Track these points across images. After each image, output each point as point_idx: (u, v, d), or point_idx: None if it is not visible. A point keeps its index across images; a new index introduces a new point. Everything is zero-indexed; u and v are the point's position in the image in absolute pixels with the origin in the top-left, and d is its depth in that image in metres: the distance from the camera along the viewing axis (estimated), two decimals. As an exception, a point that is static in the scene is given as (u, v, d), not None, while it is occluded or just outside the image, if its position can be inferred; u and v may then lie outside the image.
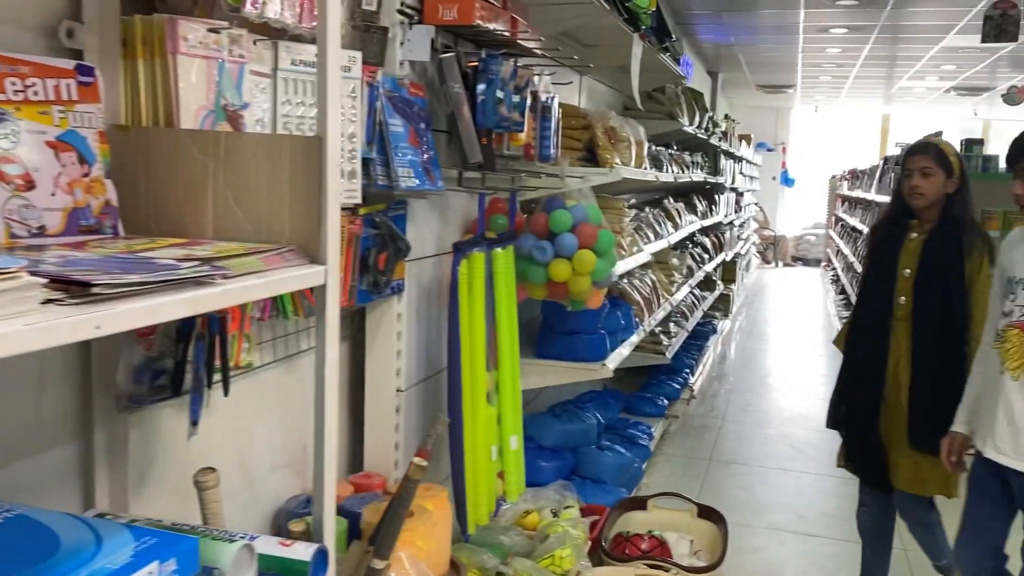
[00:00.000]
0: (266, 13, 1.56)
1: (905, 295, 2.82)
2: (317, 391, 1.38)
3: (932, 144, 2.88)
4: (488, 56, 2.24)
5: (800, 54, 9.79)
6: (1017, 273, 2.38)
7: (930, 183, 2.78)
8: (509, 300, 2.47)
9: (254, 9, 1.53)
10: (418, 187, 2.11)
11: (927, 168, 2.78)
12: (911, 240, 2.85)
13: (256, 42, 1.62)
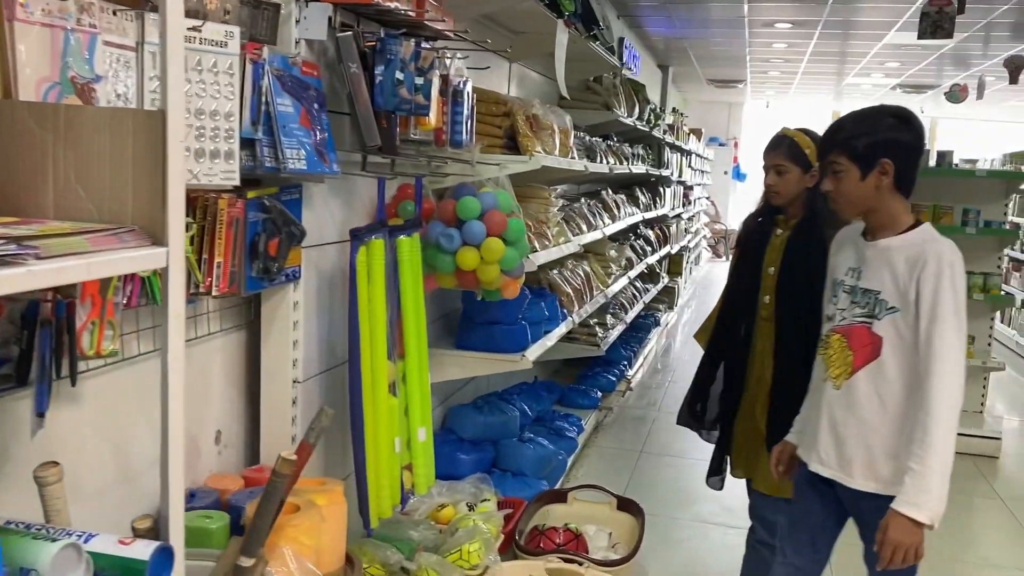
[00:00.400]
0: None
1: (769, 294, 2.70)
2: (162, 384, 1.30)
3: (786, 138, 2.73)
4: (387, 36, 2.16)
5: (747, 48, 9.83)
6: (839, 275, 2.24)
7: (785, 181, 2.66)
8: (416, 289, 2.40)
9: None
10: (309, 170, 2.03)
11: (780, 166, 2.67)
12: (776, 236, 2.74)
13: (116, 12, 1.53)
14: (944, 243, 2.09)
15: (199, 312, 2.09)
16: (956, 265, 2.04)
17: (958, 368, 2.00)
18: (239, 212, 1.87)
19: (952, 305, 2.01)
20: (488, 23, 3.58)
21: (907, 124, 2.11)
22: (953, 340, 2.00)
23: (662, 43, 10.03)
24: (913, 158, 2.12)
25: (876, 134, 2.11)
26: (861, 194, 2.12)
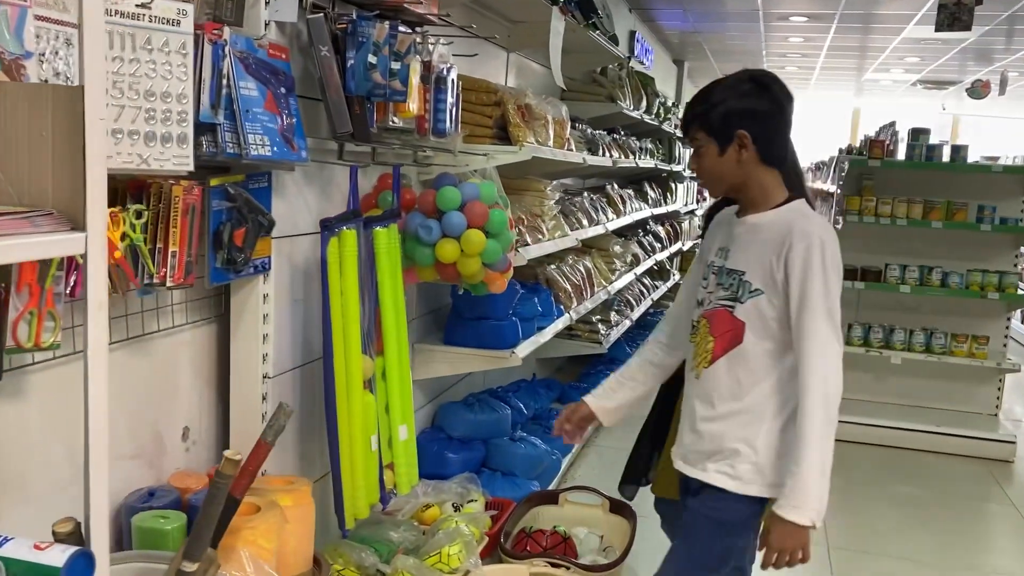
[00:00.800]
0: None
1: None
2: (85, 379, 1.22)
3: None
4: (359, 17, 2.08)
5: (763, 43, 9.67)
6: (709, 256, 2.08)
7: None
8: (394, 282, 2.32)
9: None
10: (274, 157, 1.95)
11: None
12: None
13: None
14: (815, 220, 1.91)
15: (162, 304, 2.01)
16: (828, 244, 1.87)
17: (831, 358, 1.84)
18: (196, 199, 1.78)
19: (822, 288, 1.84)
20: (483, 11, 3.49)
21: (764, 90, 1.93)
22: (824, 327, 1.84)
23: (677, 37, 9.89)
24: (775, 126, 1.94)
25: (729, 103, 1.93)
26: (723, 170, 1.95)
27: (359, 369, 2.19)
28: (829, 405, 1.83)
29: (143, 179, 1.72)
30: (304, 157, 2.06)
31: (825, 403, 1.83)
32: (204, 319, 2.19)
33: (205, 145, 1.86)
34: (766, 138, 1.92)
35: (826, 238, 1.87)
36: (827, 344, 1.84)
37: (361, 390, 2.21)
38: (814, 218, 1.93)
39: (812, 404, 1.83)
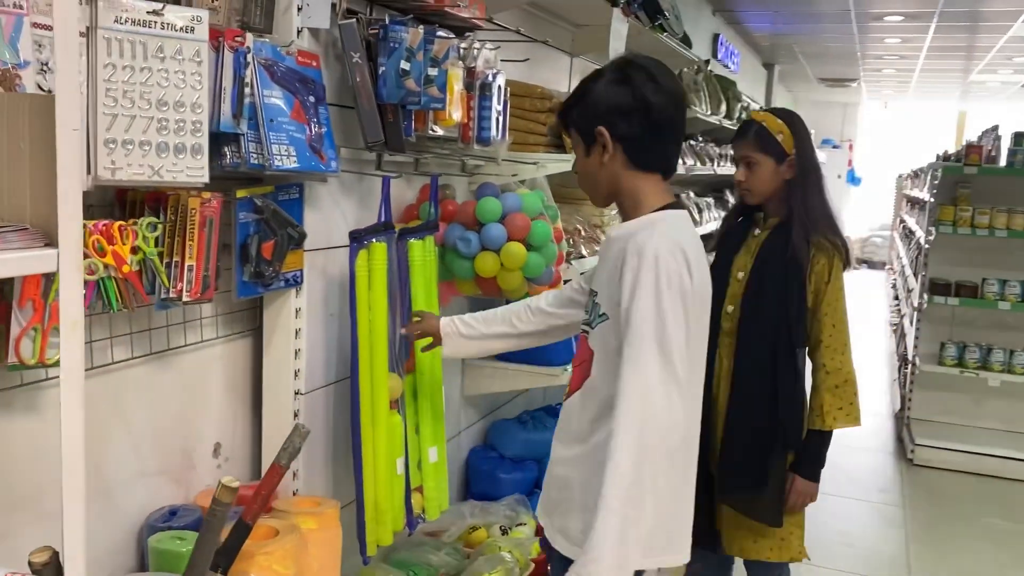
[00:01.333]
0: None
1: (734, 304, 2.30)
2: (63, 403, 1.16)
3: (754, 123, 2.33)
4: (392, 22, 2.00)
5: (857, 44, 9.25)
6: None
7: (757, 176, 2.27)
8: (429, 296, 2.22)
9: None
10: (300, 168, 1.88)
11: (748, 157, 2.28)
12: (753, 237, 2.35)
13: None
14: (656, 232, 1.58)
15: (190, 318, 1.97)
16: (663, 261, 1.54)
17: (655, 397, 1.50)
18: (214, 212, 1.73)
19: (652, 312, 1.52)
20: (542, 15, 3.38)
21: (624, 82, 1.64)
22: (651, 359, 1.51)
23: (766, 40, 9.57)
24: (640, 122, 1.63)
25: (590, 97, 1.67)
26: (590, 174, 1.71)
27: (385, 388, 2.11)
28: (644, 455, 1.49)
29: (162, 191, 1.67)
30: (334, 168, 1.99)
31: (638, 452, 1.48)
32: (237, 333, 2.15)
33: (229, 156, 1.81)
34: (631, 137, 1.64)
35: (662, 253, 1.54)
36: (651, 379, 1.51)
37: (387, 410, 2.12)
38: (658, 229, 1.59)
39: (619, 454, 1.49)
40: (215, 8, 1.83)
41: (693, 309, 1.61)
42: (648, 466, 1.49)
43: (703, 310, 1.69)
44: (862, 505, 4.08)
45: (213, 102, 1.72)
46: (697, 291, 1.62)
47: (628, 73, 1.64)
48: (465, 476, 3.14)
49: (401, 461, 2.13)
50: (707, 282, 1.70)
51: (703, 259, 1.68)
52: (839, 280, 2.30)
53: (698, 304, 1.64)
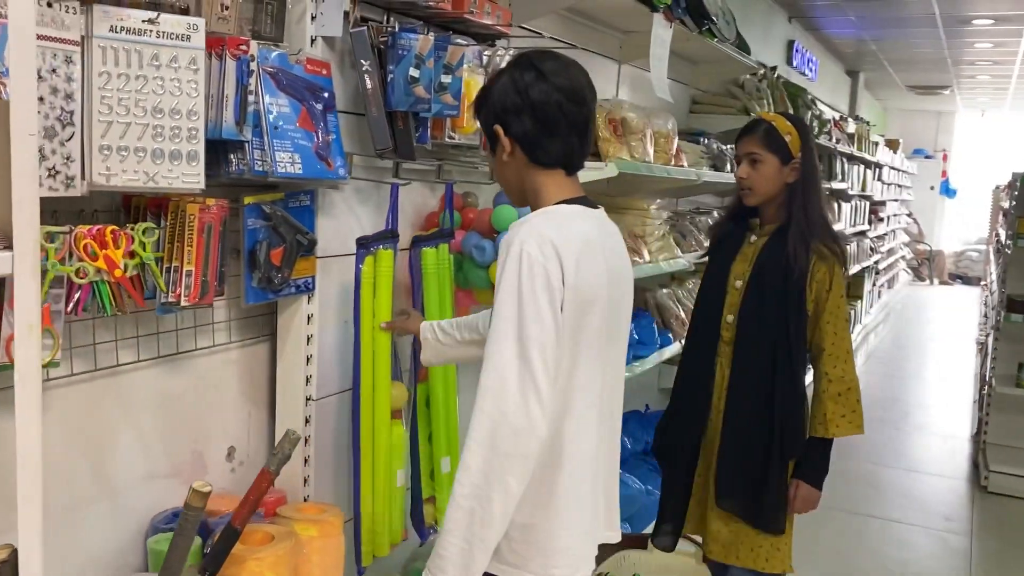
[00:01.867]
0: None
1: (732, 313, 2.23)
2: (17, 404, 1.18)
3: (763, 122, 2.26)
4: (401, 29, 1.99)
5: (946, 50, 8.86)
6: None
7: (760, 173, 2.20)
8: (442, 304, 2.20)
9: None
10: (305, 175, 1.89)
11: (754, 154, 2.21)
12: (749, 244, 2.27)
13: (51, 3, 1.45)
14: (528, 225, 1.51)
15: (202, 322, 2.00)
16: (527, 255, 1.46)
17: (504, 397, 1.43)
18: (213, 218, 1.75)
19: (513, 308, 1.45)
20: (587, 21, 3.34)
21: (513, 79, 1.59)
22: (510, 357, 1.43)
23: (850, 47, 9.27)
24: (529, 116, 1.57)
25: (485, 97, 1.64)
26: (500, 173, 1.67)
27: (386, 397, 2.09)
28: (493, 454, 1.43)
29: (158, 196, 1.70)
30: (342, 175, 1.99)
31: (487, 450, 1.43)
32: (254, 338, 2.17)
33: (235, 163, 1.83)
34: (524, 135, 1.59)
35: (529, 248, 1.47)
36: (507, 379, 1.43)
37: (387, 420, 2.10)
38: (532, 222, 1.53)
39: (468, 453, 1.45)
40: (225, 17, 1.86)
41: (572, 308, 1.51)
42: (497, 466, 1.44)
43: (589, 314, 1.55)
44: (925, 533, 3.87)
45: (215, 109, 1.74)
46: (578, 288, 1.51)
47: (517, 71, 1.61)
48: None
49: (403, 473, 2.11)
50: (596, 280, 1.56)
51: (593, 255, 1.57)
52: (840, 288, 2.24)
53: (580, 302, 1.52)
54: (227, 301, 2.05)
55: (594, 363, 1.58)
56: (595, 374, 1.60)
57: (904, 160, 13.14)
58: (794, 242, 2.15)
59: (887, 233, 11.60)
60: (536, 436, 1.46)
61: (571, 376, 1.54)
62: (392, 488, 2.07)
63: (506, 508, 1.46)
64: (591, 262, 1.55)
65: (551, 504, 1.56)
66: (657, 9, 2.96)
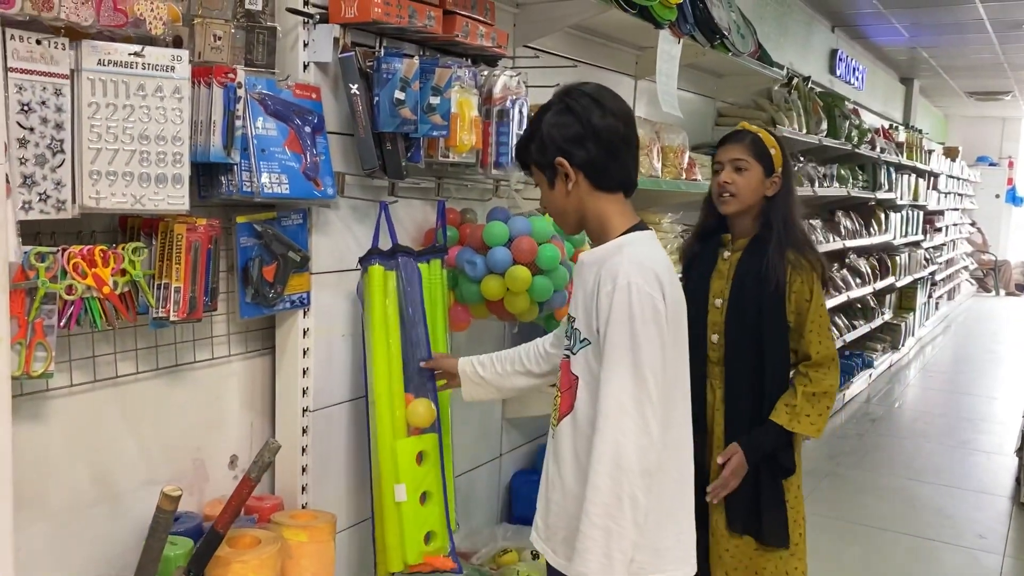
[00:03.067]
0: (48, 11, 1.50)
1: (718, 332, 2.23)
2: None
3: (748, 132, 2.27)
4: (386, 54, 2.07)
5: (1001, 54, 8.63)
6: None
7: (745, 180, 2.20)
8: (435, 320, 2.27)
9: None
10: (291, 195, 1.98)
11: (741, 160, 2.21)
12: (723, 260, 2.26)
13: (39, 41, 1.57)
14: (627, 256, 1.60)
15: (199, 336, 2.10)
16: (635, 286, 1.56)
17: (630, 425, 1.54)
18: (200, 237, 1.85)
19: (625, 341, 1.55)
20: (599, 39, 3.38)
21: (567, 110, 1.66)
22: (626, 386, 1.54)
23: (903, 54, 9.10)
24: (593, 145, 1.64)
25: (542, 131, 1.69)
26: (559, 206, 1.72)
27: (401, 411, 2.16)
28: (621, 473, 1.54)
29: (147, 218, 1.80)
30: (331, 194, 2.08)
31: (615, 470, 1.54)
32: (256, 351, 2.26)
33: (225, 184, 1.93)
34: (589, 162, 1.66)
35: (634, 278, 1.57)
36: (625, 403, 1.55)
37: (403, 435, 2.17)
38: (628, 253, 1.62)
39: (597, 475, 1.55)
40: (218, 47, 1.97)
41: (669, 330, 1.62)
42: (626, 484, 1.55)
43: (678, 329, 1.69)
44: (956, 551, 3.77)
45: (203, 134, 1.84)
46: (671, 311, 1.64)
47: (571, 102, 1.68)
48: (508, 499, 3.15)
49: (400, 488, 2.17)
50: (680, 299, 1.71)
51: (674, 276, 1.69)
52: (820, 297, 2.23)
53: (673, 324, 1.65)
54: (227, 316, 2.15)
55: (683, 376, 1.72)
56: (684, 385, 1.73)
57: (965, 168, 12.79)
58: (772, 252, 2.17)
59: (945, 243, 11.30)
60: (656, 450, 1.57)
61: (671, 389, 1.65)
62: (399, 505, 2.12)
63: (637, 520, 1.57)
64: (674, 283, 1.67)
65: (669, 510, 1.68)
66: (662, 25, 2.99)
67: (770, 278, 2.15)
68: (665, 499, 1.68)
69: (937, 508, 4.26)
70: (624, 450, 1.55)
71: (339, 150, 2.21)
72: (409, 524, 2.17)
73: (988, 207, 15.01)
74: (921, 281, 9.03)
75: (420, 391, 2.24)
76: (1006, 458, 5.08)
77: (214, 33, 1.94)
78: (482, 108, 2.43)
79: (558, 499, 1.74)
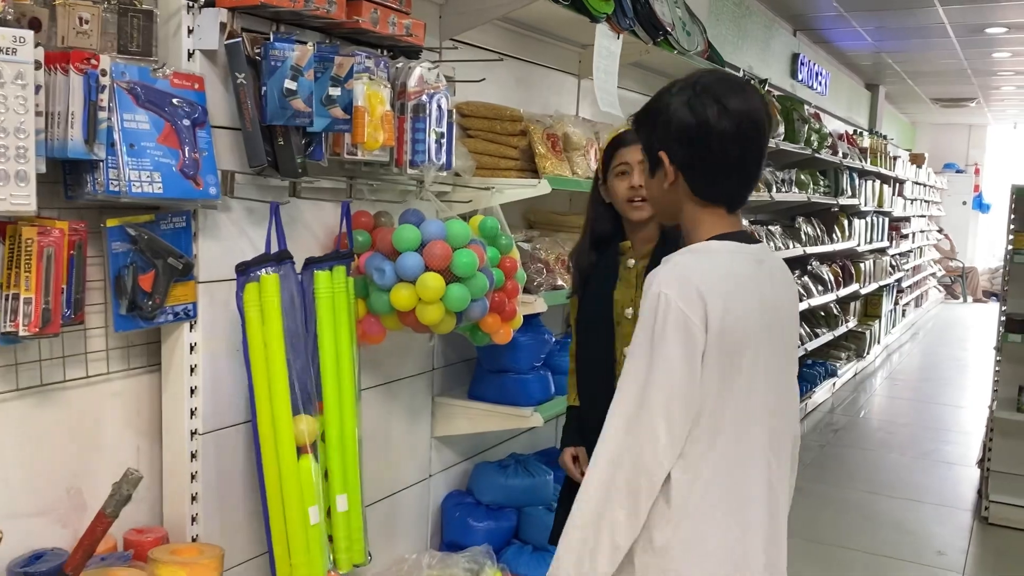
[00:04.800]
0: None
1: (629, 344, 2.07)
2: None
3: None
4: (275, 40, 1.88)
5: (964, 60, 8.59)
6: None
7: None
8: (339, 331, 2.08)
9: None
10: (165, 194, 1.78)
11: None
12: (628, 269, 2.07)
13: None
14: (673, 266, 1.47)
15: (73, 351, 1.89)
16: (664, 298, 1.42)
17: (619, 436, 1.45)
18: (56, 242, 1.64)
19: (645, 342, 1.44)
20: (541, 36, 3.21)
21: (687, 102, 1.45)
22: (627, 400, 1.45)
23: (865, 59, 9.03)
24: (702, 151, 1.45)
25: (652, 115, 1.51)
26: (655, 197, 1.58)
27: (289, 431, 1.96)
28: (608, 488, 1.45)
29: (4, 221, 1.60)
30: (213, 194, 1.88)
31: (604, 483, 1.46)
32: (140, 368, 2.06)
33: (91, 183, 1.73)
34: (690, 166, 1.48)
35: (671, 285, 1.43)
36: (636, 415, 1.44)
37: (292, 455, 1.97)
38: (675, 260, 1.48)
39: (587, 485, 1.48)
40: (85, 32, 1.77)
41: (718, 350, 1.45)
42: (611, 498, 1.46)
43: (739, 350, 1.48)
44: (914, 569, 3.61)
45: (61, 127, 1.64)
46: (725, 330, 1.45)
47: (693, 93, 1.46)
48: (439, 523, 2.95)
49: (315, 510, 1.97)
50: (748, 318, 1.49)
51: (744, 292, 1.49)
52: None
53: (729, 344, 1.46)
54: (105, 330, 1.94)
55: (752, 401, 1.51)
56: (754, 412, 1.52)
57: (931, 175, 12.78)
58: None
59: (912, 250, 11.26)
60: (648, 476, 1.45)
61: (718, 416, 1.48)
62: (307, 527, 1.93)
63: (614, 540, 1.47)
64: (741, 300, 1.48)
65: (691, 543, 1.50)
66: (598, 19, 2.83)
67: None
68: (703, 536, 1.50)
69: (897, 523, 4.11)
70: (616, 467, 1.45)
71: (230, 146, 2.02)
72: (316, 546, 1.99)
73: (955, 214, 15.05)
74: (887, 288, 8.95)
75: (306, 407, 2.05)
76: (969, 469, 4.96)
77: (80, 16, 1.74)
78: (396, 103, 2.24)
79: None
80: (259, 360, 1.93)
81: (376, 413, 2.63)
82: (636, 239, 2.09)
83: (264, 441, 1.97)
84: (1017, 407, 4.13)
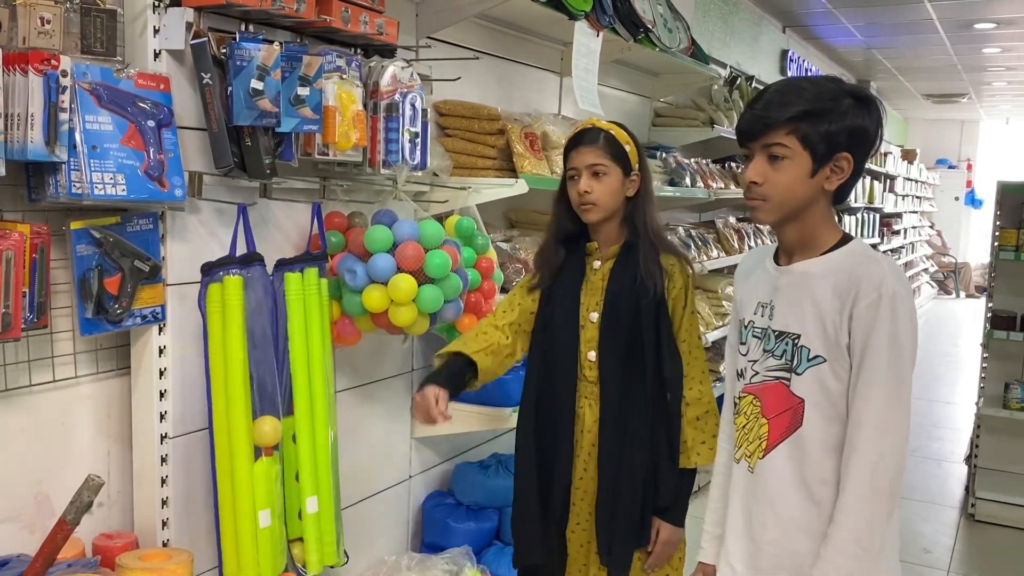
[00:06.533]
0: None
1: (594, 349, 2.01)
2: None
3: (599, 130, 2.02)
4: (241, 39, 1.86)
5: (954, 56, 8.58)
6: (746, 314, 1.65)
7: (604, 187, 1.97)
8: (310, 333, 2.06)
9: None
10: (129, 196, 1.76)
11: (599, 165, 1.97)
12: (594, 271, 2.04)
13: None
14: (883, 264, 1.49)
15: (39, 355, 1.87)
16: (900, 297, 1.45)
17: (892, 435, 1.45)
18: (14, 246, 1.62)
19: (889, 353, 1.44)
20: (522, 34, 3.19)
21: (868, 111, 1.52)
22: (890, 396, 1.45)
23: (855, 55, 9.02)
24: (865, 157, 1.55)
25: (841, 119, 1.50)
26: (800, 193, 1.52)
27: (246, 434, 1.94)
28: (880, 490, 1.45)
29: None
30: (179, 196, 1.86)
31: (873, 484, 1.45)
32: (109, 371, 2.04)
33: (53, 186, 1.71)
34: (858, 171, 1.55)
35: (899, 288, 1.47)
36: (889, 416, 1.46)
37: (247, 457, 1.95)
38: (882, 262, 1.52)
39: (850, 501, 1.46)
40: (47, 32, 1.75)
41: None
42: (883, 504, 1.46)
43: None
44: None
45: (20, 129, 1.62)
46: None
47: (870, 103, 1.54)
48: (419, 525, 2.94)
49: (266, 513, 1.95)
50: None
51: None
52: (693, 304, 2.06)
53: None
54: (72, 333, 1.92)
55: None
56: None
57: (924, 171, 12.78)
58: (646, 261, 1.97)
59: (904, 246, 11.26)
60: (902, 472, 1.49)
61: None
62: (256, 530, 1.91)
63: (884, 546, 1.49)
64: None
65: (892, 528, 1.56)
66: (577, 17, 2.81)
67: (647, 286, 1.96)
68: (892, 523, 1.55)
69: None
70: (881, 473, 1.45)
71: (198, 148, 1.99)
72: (265, 550, 1.96)
73: (947, 209, 15.06)
74: (878, 284, 8.92)
75: (272, 409, 2.03)
76: (956, 466, 4.95)
77: (41, 16, 1.73)
78: (368, 102, 2.22)
79: (775, 537, 1.58)
80: (218, 362, 1.91)
81: (355, 414, 2.61)
82: (599, 240, 2.07)
83: (219, 443, 1.95)
84: (1003, 404, 4.12)
